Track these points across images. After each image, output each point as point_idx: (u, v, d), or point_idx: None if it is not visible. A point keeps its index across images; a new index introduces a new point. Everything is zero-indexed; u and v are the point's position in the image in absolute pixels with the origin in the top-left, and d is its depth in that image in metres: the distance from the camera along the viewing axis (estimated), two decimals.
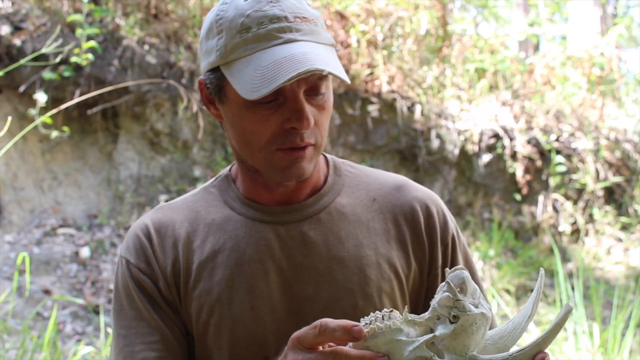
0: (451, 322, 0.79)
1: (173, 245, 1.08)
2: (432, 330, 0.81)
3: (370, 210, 1.12)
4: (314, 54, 0.95)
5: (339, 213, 1.10)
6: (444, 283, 0.81)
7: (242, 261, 1.06)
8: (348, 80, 0.97)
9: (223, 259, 1.06)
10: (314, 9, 1.04)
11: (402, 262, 1.10)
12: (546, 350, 0.80)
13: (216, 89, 1.02)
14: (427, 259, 1.11)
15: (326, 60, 0.95)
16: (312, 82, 0.98)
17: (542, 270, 0.82)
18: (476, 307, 0.80)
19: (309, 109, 0.98)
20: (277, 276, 1.05)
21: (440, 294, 0.81)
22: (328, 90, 1.02)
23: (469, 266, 1.16)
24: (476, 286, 0.82)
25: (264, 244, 1.06)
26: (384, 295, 1.07)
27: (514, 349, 0.80)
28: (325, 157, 1.17)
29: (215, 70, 1.00)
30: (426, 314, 0.81)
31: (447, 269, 0.83)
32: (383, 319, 0.81)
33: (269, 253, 1.06)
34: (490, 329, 0.85)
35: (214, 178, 1.17)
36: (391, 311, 0.82)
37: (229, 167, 1.17)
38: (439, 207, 1.15)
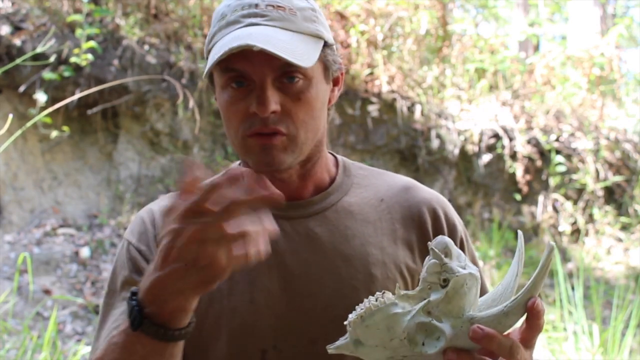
0: (442, 287, 0.81)
1: None
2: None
3: (377, 210, 1.12)
4: (264, 35, 0.96)
5: (346, 211, 1.10)
6: (429, 255, 0.82)
7: None
8: (297, 62, 0.95)
9: None
10: (309, 2, 1.04)
11: (408, 263, 1.10)
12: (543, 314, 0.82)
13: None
14: None
15: (276, 42, 0.95)
16: (279, 68, 0.98)
17: (520, 232, 0.85)
18: (463, 268, 0.81)
19: (273, 96, 0.98)
20: (279, 270, 1.05)
21: (427, 263, 0.82)
22: (309, 82, 1.01)
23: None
24: (460, 251, 0.83)
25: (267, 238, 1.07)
26: None
27: (506, 302, 0.81)
28: (335, 158, 1.17)
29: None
30: (418, 287, 0.83)
31: (429, 242, 0.84)
32: (377, 300, 0.82)
33: (272, 247, 1.06)
34: (481, 295, 0.86)
35: (225, 171, 1.17)
36: (384, 293, 0.83)
37: (238, 161, 1.18)
38: (446, 210, 1.15)
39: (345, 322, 0.84)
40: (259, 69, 0.97)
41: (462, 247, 1.14)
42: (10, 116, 2.63)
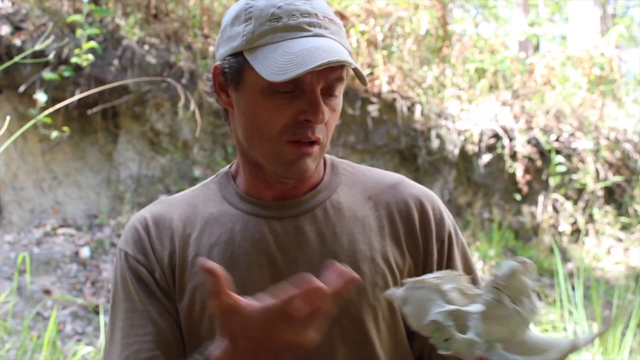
0: (484, 306, 0.82)
1: (170, 237, 1.11)
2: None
3: (365, 207, 1.14)
4: (341, 50, 1.00)
5: (335, 209, 1.12)
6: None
7: (236, 254, 1.07)
8: (366, 81, 1.03)
9: (218, 252, 1.08)
10: (338, 17, 1.09)
11: (396, 257, 1.11)
12: None
13: (235, 73, 1.03)
14: (422, 255, 1.13)
15: (349, 59, 1.00)
16: (330, 81, 1.01)
17: (577, 342, 0.82)
18: (513, 302, 0.80)
19: (324, 105, 1.01)
20: (270, 270, 1.07)
21: (488, 278, 0.83)
22: (340, 95, 1.06)
23: (467, 264, 1.17)
24: (529, 284, 0.81)
25: (258, 238, 1.08)
26: (377, 290, 1.08)
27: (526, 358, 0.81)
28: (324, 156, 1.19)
29: (237, 55, 1.02)
30: (479, 290, 0.84)
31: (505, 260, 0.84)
32: (439, 278, 0.85)
33: (263, 247, 1.08)
34: None
35: (215, 175, 1.20)
36: (457, 275, 0.85)
37: (229, 165, 1.19)
38: (434, 204, 1.16)
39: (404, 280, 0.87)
40: (313, 78, 1.00)
41: (449, 243, 1.15)
42: (8, 118, 2.63)
